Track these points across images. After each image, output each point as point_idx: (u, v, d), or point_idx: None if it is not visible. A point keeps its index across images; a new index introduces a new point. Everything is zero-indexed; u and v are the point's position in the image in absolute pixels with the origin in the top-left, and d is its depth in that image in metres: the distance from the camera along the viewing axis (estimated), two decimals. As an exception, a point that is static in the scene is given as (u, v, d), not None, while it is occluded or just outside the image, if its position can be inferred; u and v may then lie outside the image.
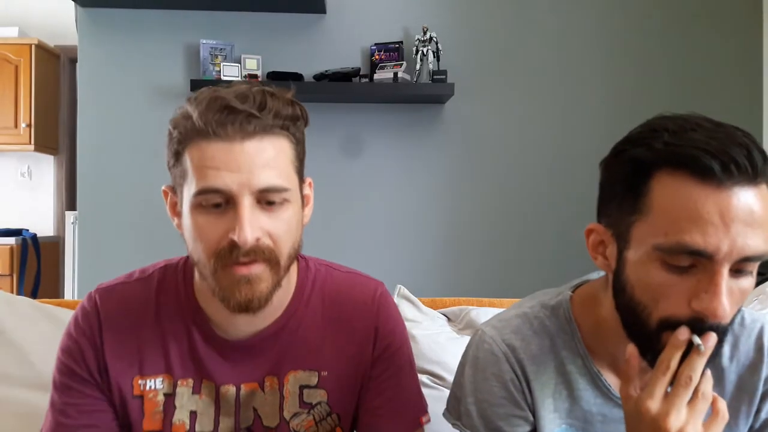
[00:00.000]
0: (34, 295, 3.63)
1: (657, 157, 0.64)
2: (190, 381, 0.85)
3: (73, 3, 2.53)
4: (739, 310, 0.68)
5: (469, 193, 2.65)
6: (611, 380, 0.76)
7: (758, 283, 1.89)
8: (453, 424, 0.82)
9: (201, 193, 0.76)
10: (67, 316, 1.27)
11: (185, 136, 0.84)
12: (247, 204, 0.74)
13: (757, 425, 0.76)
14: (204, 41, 2.50)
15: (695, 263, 0.62)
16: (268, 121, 0.78)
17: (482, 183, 2.64)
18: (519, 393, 0.76)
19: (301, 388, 0.87)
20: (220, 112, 0.76)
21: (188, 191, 0.81)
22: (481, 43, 2.65)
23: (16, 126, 3.82)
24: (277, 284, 0.80)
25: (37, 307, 1.29)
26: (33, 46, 3.83)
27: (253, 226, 0.74)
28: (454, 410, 0.82)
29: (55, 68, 4.12)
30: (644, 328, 0.66)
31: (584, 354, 0.76)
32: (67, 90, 4.18)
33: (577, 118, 2.66)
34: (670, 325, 0.64)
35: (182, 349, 0.85)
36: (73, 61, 4.04)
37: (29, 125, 3.82)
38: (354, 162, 2.62)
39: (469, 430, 0.79)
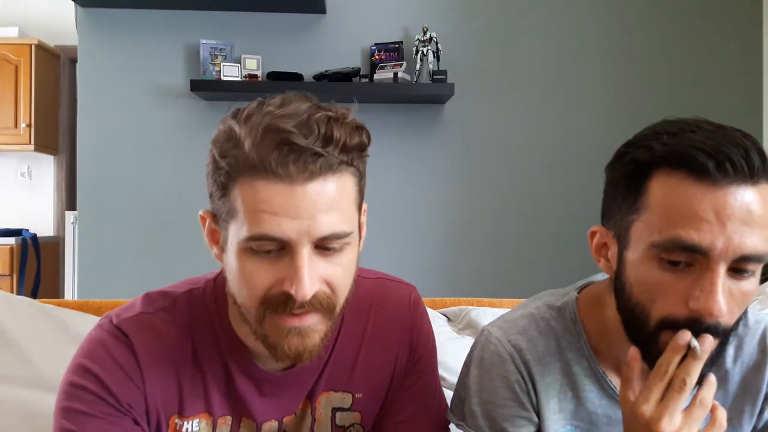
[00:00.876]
0: (34, 295, 3.63)
1: (655, 158, 0.65)
2: (229, 419, 0.79)
3: (73, 3, 2.53)
4: (744, 313, 0.67)
5: (469, 193, 2.65)
6: (616, 382, 0.75)
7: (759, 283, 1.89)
8: (457, 425, 0.81)
9: (254, 239, 0.67)
10: (67, 315, 1.28)
11: (236, 170, 0.71)
12: (305, 253, 0.65)
13: (761, 425, 0.76)
14: (204, 41, 2.50)
15: (691, 261, 0.62)
16: (334, 158, 0.67)
17: (482, 183, 2.64)
18: (524, 394, 0.76)
19: (334, 410, 0.82)
20: (280, 148, 0.65)
21: (237, 232, 0.71)
22: (481, 43, 2.65)
23: (16, 126, 3.82)
24: (329, 332, 0.72)
25: (37, 307, 1.29)
26: (33, 46, 3.83)
27: (312, 277, 0.65)
28: (458, 411, 0.82)
29: (55, 68, 4.12)
30: (643, 328, 0.66)
31: (590, 355, 0.76)
32: (67, 90, 4.18)
33: (577, 118, 2.66)
34: (669, 324, 0.64)
35: (221, 387, 0.79)
36: (73, 61, 4.04)
37: (29, 125, 3.82)
38: (354, 162, 2.61)
39: (473, 431, 0.78)
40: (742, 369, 0.76)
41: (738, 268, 0.62)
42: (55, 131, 4.14)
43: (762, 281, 1.86)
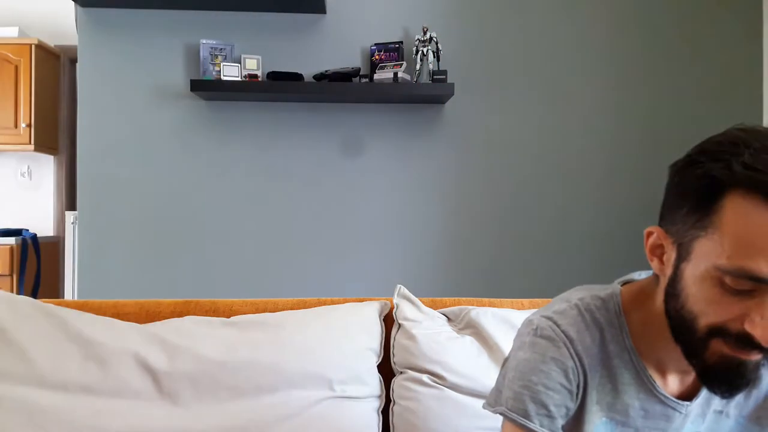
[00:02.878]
0: (34, 295, 3.63)
1: (733, 178, 0.62)
2: None
3: (73, 3, 2.53)
4: None
5: (469, 192, 2.65)
6: (655, 376, 0.76)
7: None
8: (495, 411, 0.79)
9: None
10: (67, 315, 1.28)
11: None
12: None
13: None
14: (204, 41, 2.50)
15: (755, 288, 0.61)
16: None
17: (482, 183, 2.64)
18: (575, 384, 0.75)
19: None
20: None
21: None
22: (481, 43, 2.65)
23: (16, 126, 3.83)
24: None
25: (38, 306, 1.29)
26: (33, 46, 3.83)
27: None
28: (493, 398, 0.81)
29: (55, 68, 4.12)
30: (692, 335, 0.66)
31: (631, 348, 0.76)
32: (67, 90, 4.19)
33: (577, 118, 2.66)
34: (719, 332, 0.64)
35: None
36: (73, 61, 4.04)
37: (29, 125, 3.82)
38: (354, 162, 2.62)
39: (518, 415, 0.75)
40: None
41: None
42: (55, 131, 4.14)
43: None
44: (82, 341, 1.24)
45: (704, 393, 0.76)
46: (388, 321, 1.41)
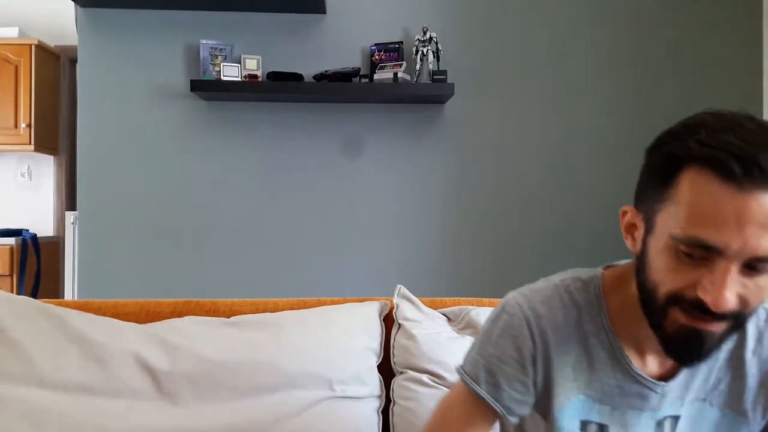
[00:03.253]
0: (34, 295, 3.63)
1: (688, 154, 0.67)
2: None
3: (73, 3, 2.53)
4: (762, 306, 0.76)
5: (469, 192, 2.65)
6: (632, 356, 0.78)
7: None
8: (462, 378, 0.84)
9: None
10: (67, 315, 1.28)
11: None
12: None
13: None
14: (204, 41, 2.50)
15: (707, 256, 0.65)
16: None
17: (482, 183, 2.64)
18: (530, 361, 0.79)
19: None
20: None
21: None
22: (481, 43, 2.65)
23: (16, 126, 3.83)
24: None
25: (38, 306, 1.29)
26: (33, 46, 3.83)
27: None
28: (469, 367, 0.84)
29: (55, 68, 4.12)
30: (654, 304, 0.70)
31: (608, 329, 0.79)
32: (67, 90, 4.18)
33: (577, 118, 2.66)
34: (676, 300, 0.68)
35: None
36: (73, 61, 4.04)
37: (29, 125, 3.82)
38: (354, 162, 2.62)
39: (470, 378, 0.82)
40: (761, 363, 0.79)
41: (754, 266, 0.65)
42: (55, 131, 4.14)
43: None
44: (82, 341, 1.24)
45: (683, 376, 0.78)
46: (388, 321, 1.41)
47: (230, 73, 2.42)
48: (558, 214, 2.63)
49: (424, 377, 1.30)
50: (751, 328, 0.80)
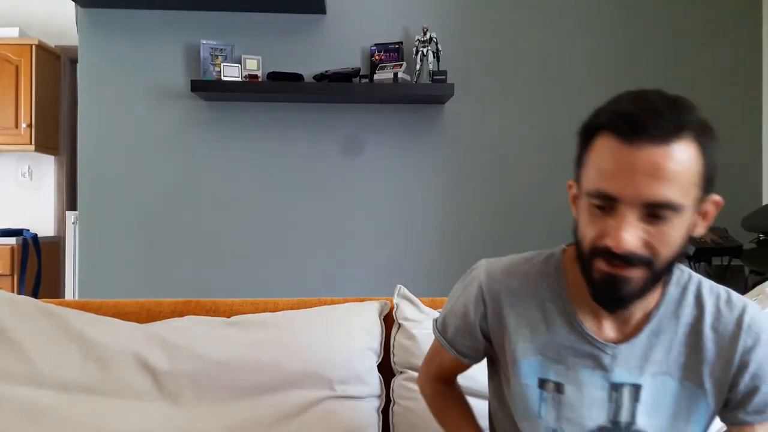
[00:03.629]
0: (34, 295, 3.63)
1: (597, 123, 0.78)
2: None
3: (73, 3, 2.54)
4: (729, 293, 0.86)
5: (469, 192, 2.65)
6: (587, 322, 0.86)
7: (757, 283, 1.90)
8: (434, 329, 1.02)
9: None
10: (67, 315, 1.28)
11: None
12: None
13: (737, 398, 0.84)
14: (204, 41, 2.50)
15: (611, 206, 0.75)
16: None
17: (482, 183, 2.64)
18: (479, 317, 0.93)
19: None
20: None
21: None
22: (481, 43, 2.65)
23: (16, 126, 3.83)
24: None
25: (38, 306, 1.29)
26: (33, 47, 3.83)
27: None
28: (440, 318, 1.02)
29: (55, 68, 4.12)
30: (583, 257, 0.80)
31: (564, 297, 0.88)
32: (67, 90, 4.19)
33: (577, 117, 2.66)
34: (596, 250, 0.77)
35: None
36: (73, 61, 4.04)
37: (29, 125, 3.83)
38: (354, 162, 2.62)
39: (434, 327, 1.02)
40: (718, 338, 0.84)
41: (653, 213, 0.74)
42: (55, 131, 4.14)
43: (761, 281, 1.86)
44: (83, 341, 1.24)
45: (639, 344, 0.84)
46: (388, 321, 1.41)
47: (230, 73, 2.42)
48: (557, 213, 2.63)
49: (424, 377, 1.30)
50: (710, 304, 0.85)
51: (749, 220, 2.33)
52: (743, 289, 2.25)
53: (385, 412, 1.33)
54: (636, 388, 0.84)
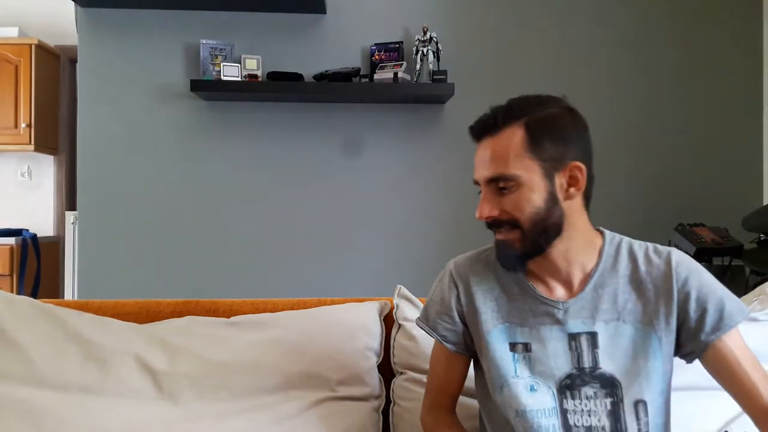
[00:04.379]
0: (34, 295, 3.63)
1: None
2: None
3: (73, 3, 2.53)
4: (647, 245, 1.02)
5: (469, 192, 2.64)
6: (538, 286, 1.02)
7: (758, 283, 1.89)
8: (417, 321, 1.15)
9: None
10: (67, 315, 1.28)
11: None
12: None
13: (693, 325, 0.95)
14: (204, 41, 2.50)
15: (481, 189, 0.98)
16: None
17: (482, 183, 2.64)
18: (454, 299, 1.08)
19: None
20: None
21: None
22: (481, 44, 2.65)
23: (16, 126, 3.82)
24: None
25: (37, 306, 1.29)
26: (33, 46, 3.83)
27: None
28: (422, 312, 1.15)
29: (55, 68, 4.12)
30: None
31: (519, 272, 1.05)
32: (67, 90, 4.18)
33: (577, 118, 2.66)
34: (488, 225, 1.01)
35: None
36: (73, 61, 4.04)
37: (29, 125, 3.82)
38: (354, 162, 2.62)
39: (419, 319, 1.15)
40: (653, 278, 0.98)
41: (498, 186, 0.95)
42: (55, 131, 4.14)
43: (762, 281, 1.86)
44: (82, 341, 1.24)
45: (585, 298, 0.98)
46: (388, 321, 1.41)
47: (230, 73, 2.42)
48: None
49: (425, 377, 1.30)
50: (641, 255, 1.00)
51: (750, 220, 2.33)
52: (744, 289, 2.25)
53: (385, 412, 1.33)
54: (592, 336, 0.97)
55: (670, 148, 2.70)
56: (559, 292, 1.00)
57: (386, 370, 1.36)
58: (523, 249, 0.96)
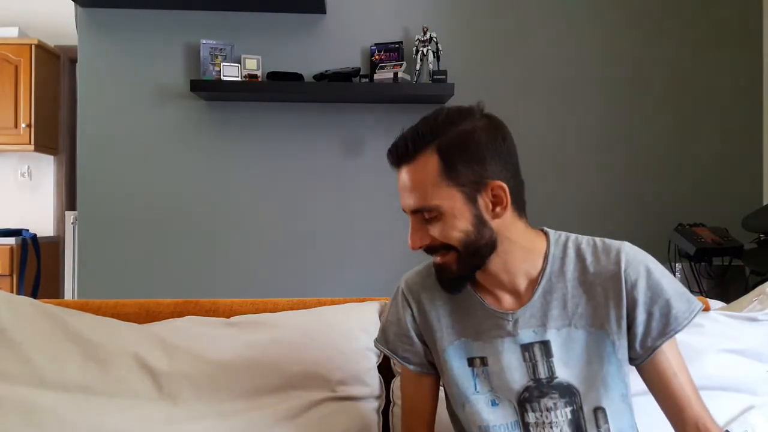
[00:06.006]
0: (34, 295, 3.63)
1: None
2: None
3: (73, 3, 2.53)
4: (592, 241, 1.00)
5: (469, 193, 2.64)
6: (487, 299, 0.99)
7: (758, 283, 1.89)
8: (375, 344, 1.12)
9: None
10: (67, 315, 1.28)
11: None
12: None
13: (641, 329, 0.92)
14: (204, 41, 2.50)
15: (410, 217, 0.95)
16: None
17: (482, 183, 2.64)
18: (409, 319, 1.04)
19: None
20: None
21: None
22: (481, 43, 2.65)
23: (16, 126, 3.82)
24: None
25: (37, 306, 1.29)
26: (33, 46, 3.83)
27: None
28: (379, 334, 1.12)
29: (55, 68, 4.12)
30: None
31: (468, 287, 1.00)
32: (67, 90, 4.18)
33: (576, 117, 2.66)
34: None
35: None
36: (73, 61, 4.04)
37: (29, 125, 3.82)
38: (354, 162, 2.62)
39: (377, 342, 1.11)
40: (602, 278, 0.94)
41: (425, 217, 0.92)
42: (55, 131, 4.14)
43: (761, 281, 1.86)
44: (82, 341, 1.24)
45: (533, 306, 0.95)
46: (388, 321, 1.41)
47: (230, 73, 2.42)
48: (558, 212, 2.62)
49: (424, 377, 1.29)
50: (589, 254, 0.96)
51: (750, 220, 2.33)
52: (744, 289, 2.25)
53: (385, 413, 1.33)
54: (545, 345, 0.94)
55: (670, 148, 2.70)
56: (508, 302, 0.97)
57: (386, 370, 1.36)
58: (459, 272, 0.94)
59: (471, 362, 0.98)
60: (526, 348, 0.94)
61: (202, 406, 1.22)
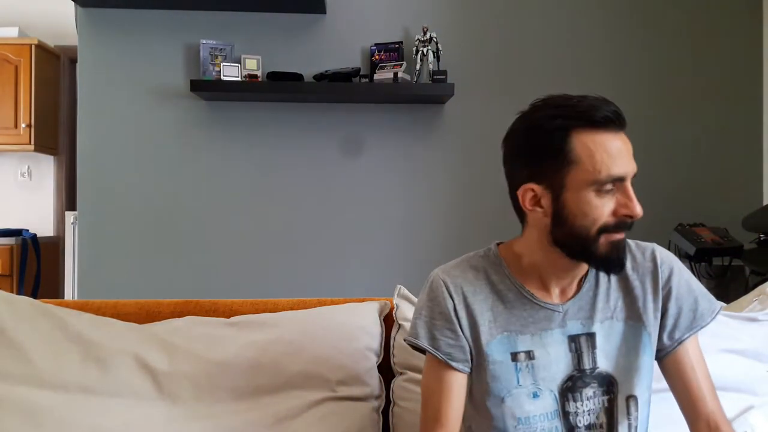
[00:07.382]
0: (34, 295, 3.63)
1: (565, 124, 0.91)
2: None
3: (73, 3, 2.53)
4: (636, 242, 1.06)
5: (469, 192, 2.65)
6: (535, 291, 1.00)
7: (758, 283, 1.89)
8: (407, 341, 1.05)
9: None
10: (67, 315, 1.28)
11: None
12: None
13: (671, 321, 0.99)
14: (204, 41, 2.50)
15: (617, 186, 0.91)
16: None
17: (482, 182, 2.64)
18: (453, 313, 1.00)
19: None
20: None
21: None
22: (481, 43, 2.65)
23: (16, 126, 3.82)
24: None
25: (37, 306, 1.29)
26: (33, 46, 3.83)
27: None
28: (411, 330, 1.05)
29: (55, 68, 4.12)
30: (587, 239, 0.91)
31: (510, 276, 1.02)
32: (67, 90, 4.18)
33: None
34: (605, 229, 0.91)
35: None
36: (73, 61, 4.04)
37: (29, 125, 3.82)
38: (354, 162, 2.62)
39: (411, 337, 1.03)
40: (640, 276, 1.01)
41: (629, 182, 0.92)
42: (55, 131, 4.14)
43: (762, 281, 1.86)
44: (82, 341, 1.24)
45: (581, 299, 0.99)
46: (388, 321, 1.41)
47: (230, 73, 2.42)
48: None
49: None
50: (627, 253, 0.99)
51: (750, 220, 2.33)
52: (744, 289, 2.25)
53: (385, 413, 1.33)
54: (591, 336, 0.98)
55: (669, 147, 2.70)
56: (556, 296, 1.00)
57: (386, 370, 1.36)
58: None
59: (515, 357, 0.99)
60: (573, 339, 0.98)
61: (202, 406, 1.22)
